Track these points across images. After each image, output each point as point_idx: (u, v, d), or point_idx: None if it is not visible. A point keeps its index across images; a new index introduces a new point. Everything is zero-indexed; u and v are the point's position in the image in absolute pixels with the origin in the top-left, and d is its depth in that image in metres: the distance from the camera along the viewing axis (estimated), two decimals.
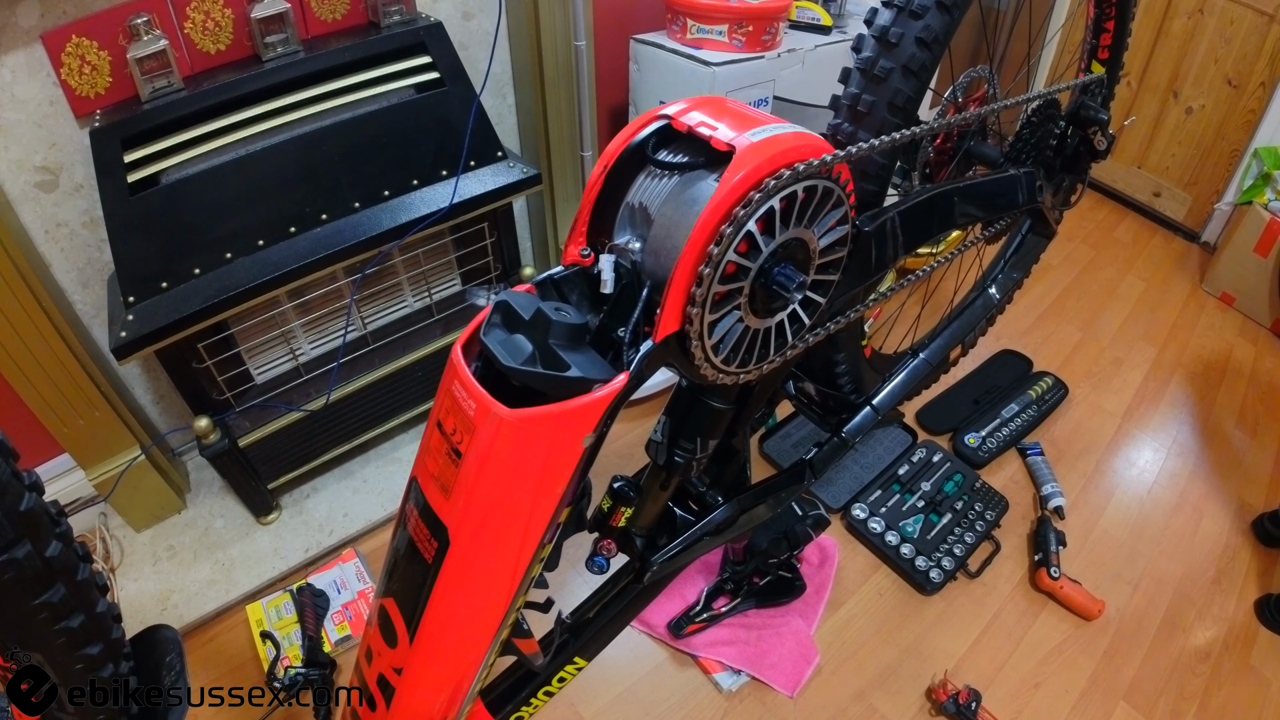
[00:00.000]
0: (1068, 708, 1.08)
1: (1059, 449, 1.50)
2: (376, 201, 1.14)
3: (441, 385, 0.41)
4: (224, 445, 1.13)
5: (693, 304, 0.37)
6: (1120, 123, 1.13)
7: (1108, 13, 1.07)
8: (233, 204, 1.02)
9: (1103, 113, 0.98)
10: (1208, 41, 2.02)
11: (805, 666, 1.10)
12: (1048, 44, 2.21)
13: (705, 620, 1.14)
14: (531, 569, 0.42)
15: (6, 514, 0.52)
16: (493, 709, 0.63)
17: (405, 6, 1.18)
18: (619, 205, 0.43)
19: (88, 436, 1.15)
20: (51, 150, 1.02)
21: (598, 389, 0.37)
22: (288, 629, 1.12)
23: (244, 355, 1.17)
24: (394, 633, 0.47)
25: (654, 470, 0.58)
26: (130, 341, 0.95)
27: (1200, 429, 1.58)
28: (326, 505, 1.32)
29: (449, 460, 0.40)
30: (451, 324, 1.37)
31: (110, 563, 1.23)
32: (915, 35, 0.73)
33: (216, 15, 1.04)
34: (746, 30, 1.38)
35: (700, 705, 1.07)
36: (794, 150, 0.36)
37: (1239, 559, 1.31)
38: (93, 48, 0.97)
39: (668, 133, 0.42)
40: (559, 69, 1.37)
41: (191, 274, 1.01)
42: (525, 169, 1.24)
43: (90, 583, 0.61)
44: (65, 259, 1.11)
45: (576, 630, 0.67)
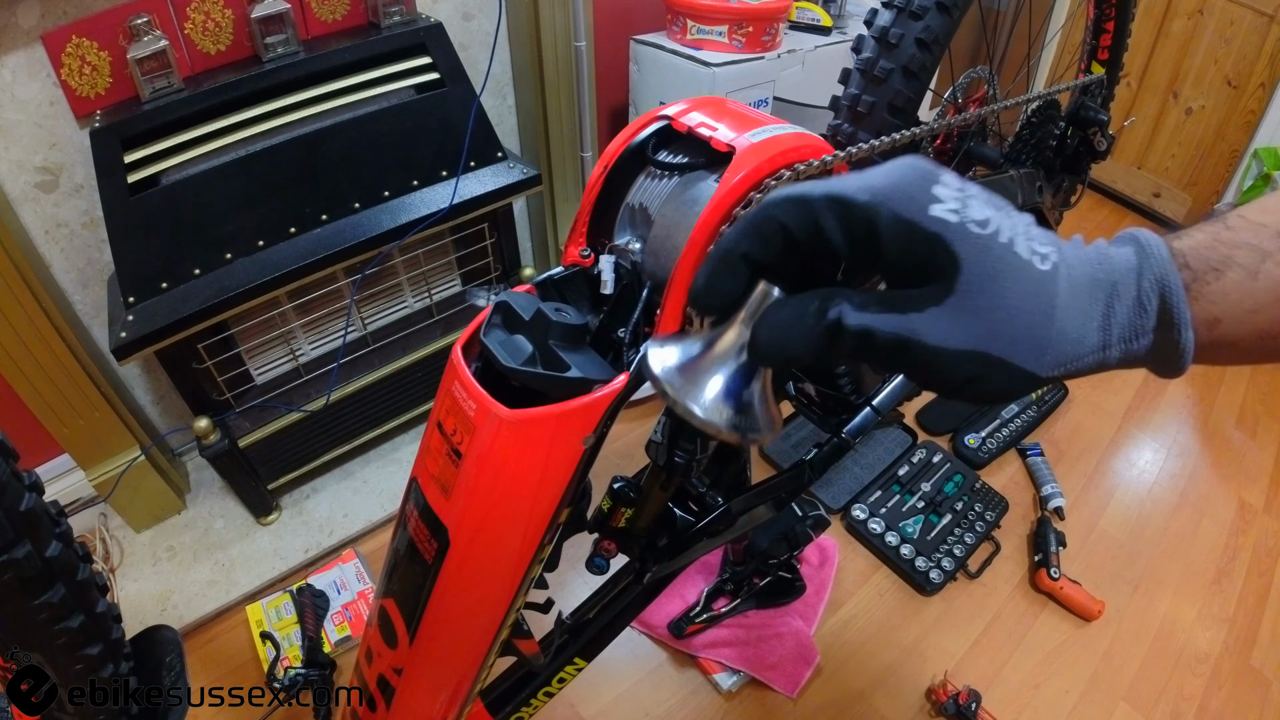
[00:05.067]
0: (1068, 708, 1.08)
1: (1059, 449, 1.50)
2: (376, 202, 1.14)
3: (441, 386, 0.41)
4: (224, 446, 1.13)
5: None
6: (1120, 123, 1.13)
7: (1107, 13, 1.08)
8: (233, 204, 1.02)
9: (1102, 113, 0.98)
10: (1208, 42, 2.02)
11: (805, 667, 1.10)
12: (1048, 45, 2.21)
13: (705, 621, 1.14)
14: (531, 570, 0.42)
15: (6, 514, 0.52)
16: (493, 709, 0.63)
17: (405, 7, 1.18)
18: (619, 206, 0.43)
19: (88, 437, 1.15)
20: (52, 151, 1.02)
21: (598, 389, 0.37)
22: (288, 629, 1.12)
23: (244, 356, 1.17)
24: (394, 633, 0.47)
25: (654, 471, 0.58)
26: (130, 342, 0.95)
27: (1200, 429, 1.58)
28: (326, 506, 1.32)
29: (449, 461, 0.40)
30: (451, 324, 1.37)
31: (110, 563, 1.23)
32: (915, 36, 0.73)
33: (216, 15, 1.04)
34: (746, 31, 1.38)
35: (700, 706, 1.07)
36: (794, 151, 0.36)
37: (1239, 559, 1.31)
38: (93, 48, 0.97)
39: (668, 133, 0.42)
40: (559, 69, 1.37)
41: (191, 274, 1.01)
42: (525, 169, 1.24)
43: (90, 583, 0.61)
44: (65, 259, 1.11)
45: (576, 631, 0.67)
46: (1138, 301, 0.27)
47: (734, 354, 0.28)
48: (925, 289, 0.26)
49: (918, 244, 0.25)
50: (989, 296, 0.25)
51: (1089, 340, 0.26)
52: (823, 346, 0.26)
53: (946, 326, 0.25)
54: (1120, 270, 0.27)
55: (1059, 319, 0.26)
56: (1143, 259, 0.27)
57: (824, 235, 0.26)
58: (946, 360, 0.25)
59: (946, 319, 0.25)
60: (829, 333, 0.26)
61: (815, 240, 0.26)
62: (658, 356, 0.29)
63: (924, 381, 0.27)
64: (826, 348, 0.26)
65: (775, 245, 0.27)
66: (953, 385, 0.26)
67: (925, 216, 0.25)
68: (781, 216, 0.27)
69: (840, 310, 0.26)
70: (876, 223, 0.25)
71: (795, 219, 0.26)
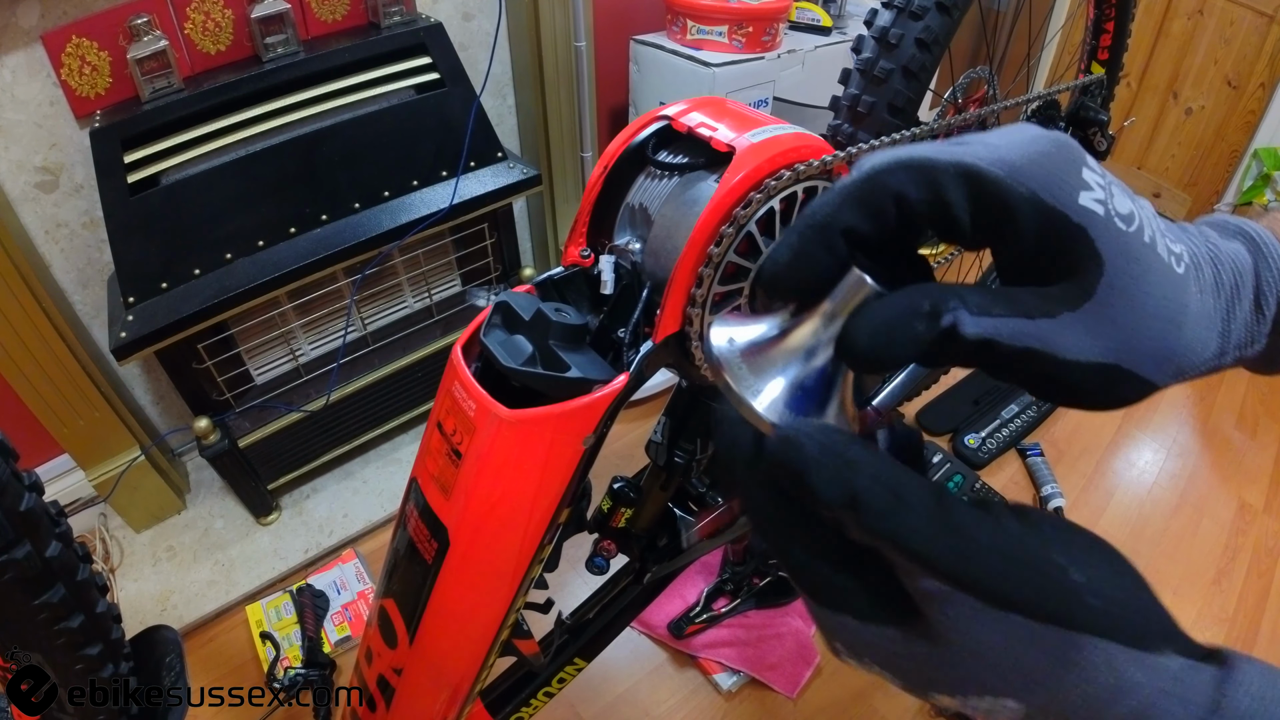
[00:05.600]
0: None
1: (1059, 450, 1.50)
2: (376, 202, 1.14)
3: (441, 386, 0.41)
4: (224, 446, 1.13)
5: (693, 305, 0.37)
6: (1120, 124, 1.13)
7: (1107, 14, 1.08)
8: (233, 204, 1.02)
9: (1102, 113, 0.98)
10: (1207, 42, 2.03)
11: (805, 667, 1.10)
12: (1047, 45, 2.21)
13: (705, 621, 1.14)
14: (531, 570, 0.42)
15: (6, 514, 0.52)
16: (493, 710, 0.63)
17: (405, 7, 1.18)
18: (619, 206, 0.43)
19: (87, 437, 1.15)
20: (52, 151, 1.02)
21: (598, 390, 0.37)
22: (287, 629, 1.12)
23: (244, 356, 1.17)
24: (394, 633, 0.47)
25: (654, 471, 0.58)
26: (130, 342, 0.95)
27: (1200, 429, 1.58)
28: (326, 506, 1.32)
29: (449, 461, 0.40)
30: (451, 325, 1.37)
31: (110, 563, 1.23)
32: (915, 36, 0.73)
33: (216, 16, 1.04)
34: (746, 31, 1.38)
35: (700, 706, 1.07)
36: (794, 151, 0.36)
37: (1239, 559, 1.30)
38: (93, 48, 0.97)
39: (668, 133, 0.42)
40: (559, 70, 1.37)
41: (191, 274, 1.01)
42: (525, 170, 1.24)
43: (90, 583, 0.61)
44: (65, 259, 1.11)
45: (576, 631, 0.67)
46: (1255, 305, 0.25)
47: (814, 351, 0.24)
48: (1056, 289, 0.22)
49: (1061, 237, 0.22)
50: (1129, 303, 0.22)
51: (1210, 348, 0.24)
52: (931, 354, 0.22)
53: (1081, 337, 0.22)
54: (1240, 270, 0.25)
55: (1189, 327, 0.23)
56: (1258, 258, 0.25)
57: (951, 212, 0.22)
58: (1075, 374, 0.22)
59: (1081, 328, 0.22)
60: (941, 340, 0.22)
61: (937, 217, 0.22)
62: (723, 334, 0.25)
63: (1041, 391, 0.23)
64: (935, 356, 0.22)
65: (887, 219, 0.23)
66: (1074, 398, 0.23)
67: (1074, 206, 0.21)
68: (898, 186, 0.22)
69: (956, 316, 0.21)
70: (1015, 206, 0.21)
71: (917, 190, 0.22)
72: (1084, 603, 0.19)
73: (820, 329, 0.24)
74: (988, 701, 0.21)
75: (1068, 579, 0.19)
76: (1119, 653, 0.19)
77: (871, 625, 0.22)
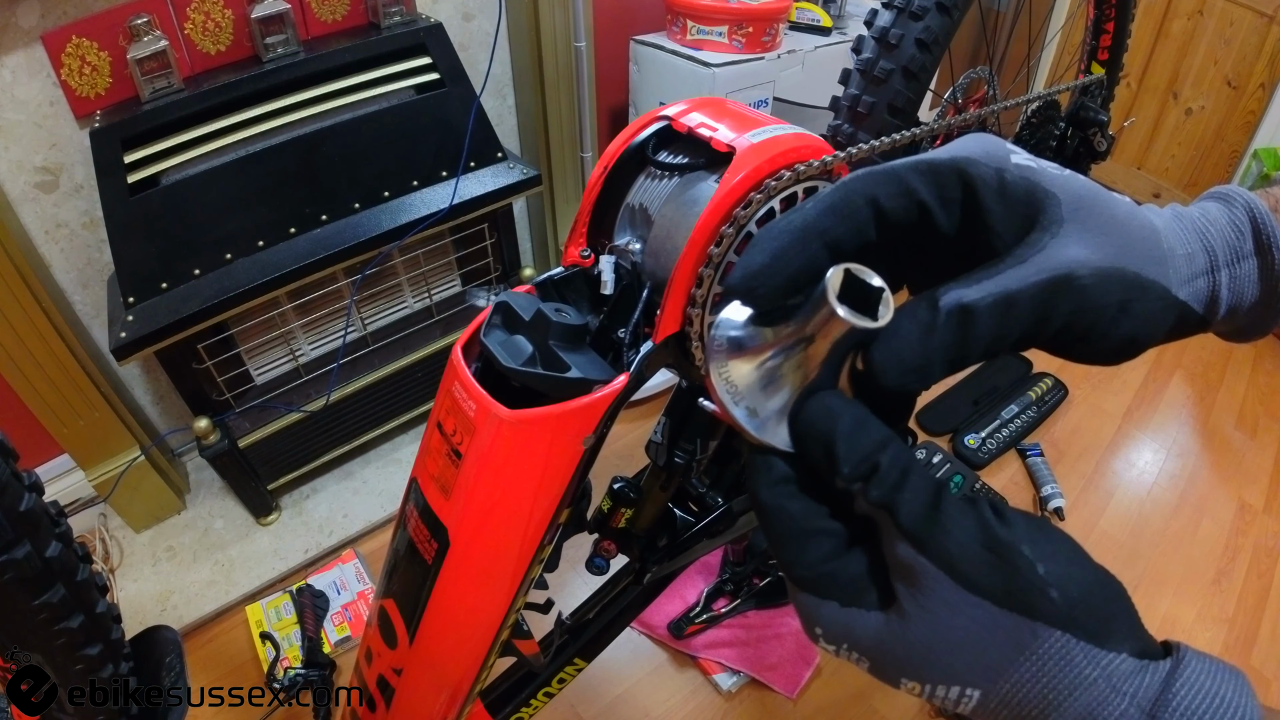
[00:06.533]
0: None
1: (1059, 450, 1.50)
2: (376, 202, 1.14)
3: (441, 386, 0.41)
4: (224, 446, 1.13)
5: (693, 305, 0.37)
6: (1120, 124, 1.13)
7: (1107, 14, 1.08)
8: (233, 205, 1.02)
9: (1102, 114, 0.98)
10: (1207, 43, 2.03)
11: (805, 668, 1.10)
12: (1047, 45, 2.21)
13: (705, 621, 1.14)
14: (531, 570, 0.42)
15: (6, 514, 0.52)
16: (492, 710, 0.63)
17: (405, 7, 1.18)
18: (619, 206, 0.43)
19: (87, 437, 1.15)
20: (51, 151, 1.02)
21: (598, 390, 0.37)
22: (287, 630, 1.12)
23: (244, 356, 1.17)
24: (394, 633, 0.47)
25: (654, 471, 0.58)
26: (130, 342, 0.95)
27: (1200, 429, 1.58)
28: (326, 506, 1.32)
29: (449, 461, 0.40)
30: (451, 325, 1.37)
31: (110, 563, 1.23)
32: (915, 37, 0.73)
33: (216, 16, 1.04)
34: (746, 31, 1.38)
35: (700, 706, 1.07)
36: (794, 151, 0.36)
37: (1239, 559, 1.31)
38: (93, 48, 0.97)
39: (668, 134, 0.42)
40: (559, 70, 1.37)
41: (191, 275, 1.01)
42: (525, 170, 1.24)
43: (90, 583, 0.61)
44: (65, 259, 1.11)
45: (576, 631, 0.67)
46: (1231, 225, 0.26)
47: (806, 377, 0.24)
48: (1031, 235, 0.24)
49: (1013, 189, 0.24)
50: (1099, 213, 0.24)
51: (1198, 260, 0.25)
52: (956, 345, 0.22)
53: (1078, 249, 0.23)
54: (1206, 207, 0.27)
55: (1165, 236, 0.25)
56: (1225, 198, 0.27)
57: (924, 208, 0.24)
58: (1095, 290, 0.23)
59: (1074, 242, 0.23)
60: (958, 325, 0.22)
61: (911, 216, 0.24)
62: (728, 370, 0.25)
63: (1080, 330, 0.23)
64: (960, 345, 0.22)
65: (865, 227, 0.24)
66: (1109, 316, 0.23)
67: (1010, 165, 0.25)
68: (872, 191, 0.23)
69: (957, 294, 0.22)
70: (970, 177, 0.24)
71: (888, 191, 0.23)
72: (1045, 594, 0.20)
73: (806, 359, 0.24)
74: (954, 692, 0.22)
75: (1033, 571, 0.21)
76: (1074, 646, 0.20)
77: (853, 610, 0.23)
